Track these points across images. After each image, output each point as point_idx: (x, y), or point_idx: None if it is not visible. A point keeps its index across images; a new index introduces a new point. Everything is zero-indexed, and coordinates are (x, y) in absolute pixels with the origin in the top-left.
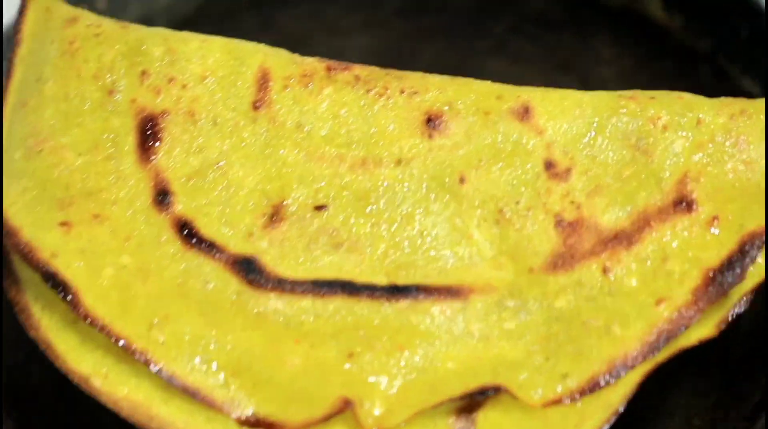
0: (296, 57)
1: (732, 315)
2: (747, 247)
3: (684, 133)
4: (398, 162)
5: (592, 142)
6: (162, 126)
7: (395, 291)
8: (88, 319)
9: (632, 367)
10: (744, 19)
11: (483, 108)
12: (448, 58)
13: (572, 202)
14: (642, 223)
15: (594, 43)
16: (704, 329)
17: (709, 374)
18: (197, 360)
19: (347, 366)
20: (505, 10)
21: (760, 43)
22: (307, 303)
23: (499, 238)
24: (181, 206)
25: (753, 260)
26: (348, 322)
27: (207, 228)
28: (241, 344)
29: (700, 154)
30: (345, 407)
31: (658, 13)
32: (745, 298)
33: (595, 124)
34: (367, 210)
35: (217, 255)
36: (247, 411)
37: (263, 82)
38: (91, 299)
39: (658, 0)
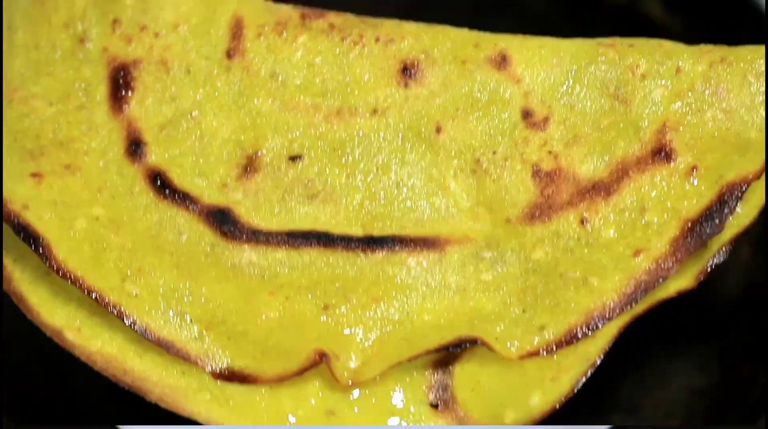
0: (270, 4)
1: (710, 265)
2: (726, 198)
3: (663, 82)
4: (374, 112)
5: (570, 90)
6: (134, 75)
7: (371, 242)
8: (61, 272)
9: (610, 319)
10: (744, 19)
11: (460, 56)
12: None
13: (550, 152)
14: (620, 174)
15: None
16: (683, 280)
17: (709, 371)
18: (171, 313)
19: (323, 318)
20: (505, 10)
21: (760, 43)
22: (282, 254)
23: (475, 189)
24: (154, 157)
25: (732, 211)
26: (323, 274)
27: (180, 179)
28: (215, 297)
29: (680, 103)
30: (320, 360)
31: (658, 13)
32: (724, 249)
33: (573, 73)
34: (343, 160)
35: (191, 206)
36: (222, 364)
37: (237, 30)
38: (63, 252)
39: (658, 0)
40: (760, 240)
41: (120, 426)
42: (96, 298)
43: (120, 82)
